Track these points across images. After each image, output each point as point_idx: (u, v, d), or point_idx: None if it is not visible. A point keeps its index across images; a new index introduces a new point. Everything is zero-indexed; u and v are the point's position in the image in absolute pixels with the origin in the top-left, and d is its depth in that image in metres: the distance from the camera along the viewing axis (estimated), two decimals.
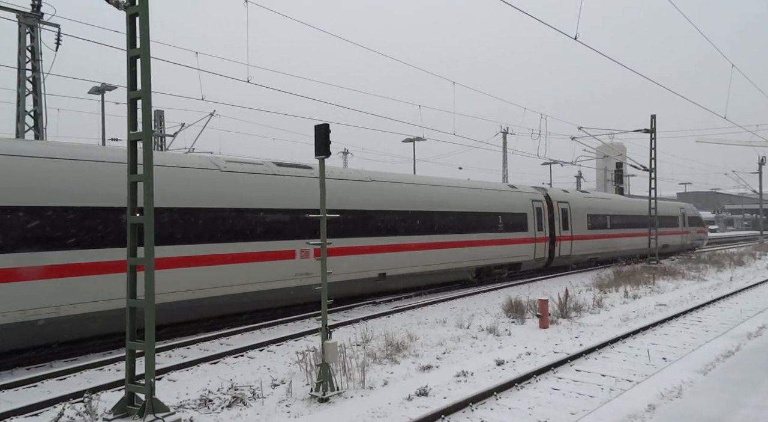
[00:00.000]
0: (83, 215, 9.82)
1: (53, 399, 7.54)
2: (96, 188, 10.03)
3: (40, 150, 9.82)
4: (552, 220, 23.17)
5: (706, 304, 15.38)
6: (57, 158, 9.81)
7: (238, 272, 12.02)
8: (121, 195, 8.70)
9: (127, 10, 6.55)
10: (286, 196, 13.18)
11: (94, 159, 10.26)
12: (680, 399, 7.04)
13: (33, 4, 15.58)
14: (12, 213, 9.00)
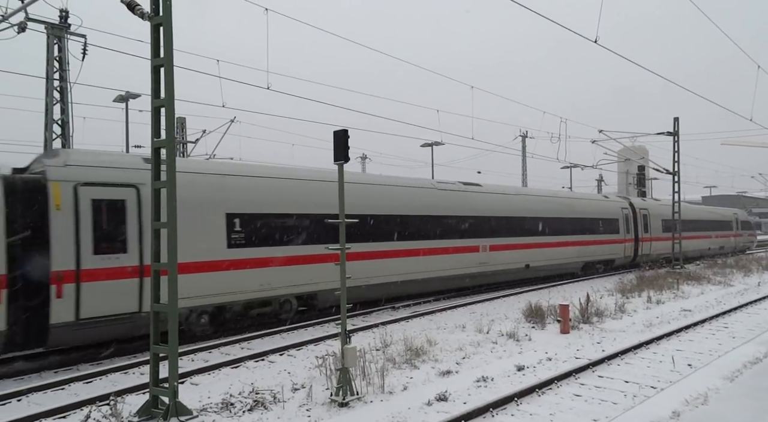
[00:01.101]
0: (307, 220, 13.45)
1: (80, 401, 7.71)
2: (307, 200, 13.57)
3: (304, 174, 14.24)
4: (636, 224, 27.52)
5: (733, 310, 15.03)
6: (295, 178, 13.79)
7: (446, 261, 17.06)
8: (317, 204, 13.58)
9: (151, 21, 6.72)
10: (470, 206, 18.40)
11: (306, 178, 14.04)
12: (706, 406, 6.90)
13: (61, 15, 16.02)
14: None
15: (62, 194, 9.61)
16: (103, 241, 10.02)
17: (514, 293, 19.30)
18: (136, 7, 6.82)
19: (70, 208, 9.70)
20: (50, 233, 9.46)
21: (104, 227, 10.06)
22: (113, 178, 10.30)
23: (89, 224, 9.89)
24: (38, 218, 9.47)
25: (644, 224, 28.26)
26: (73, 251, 9.69)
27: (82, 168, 10.07)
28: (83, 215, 9.81)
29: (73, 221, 9.72)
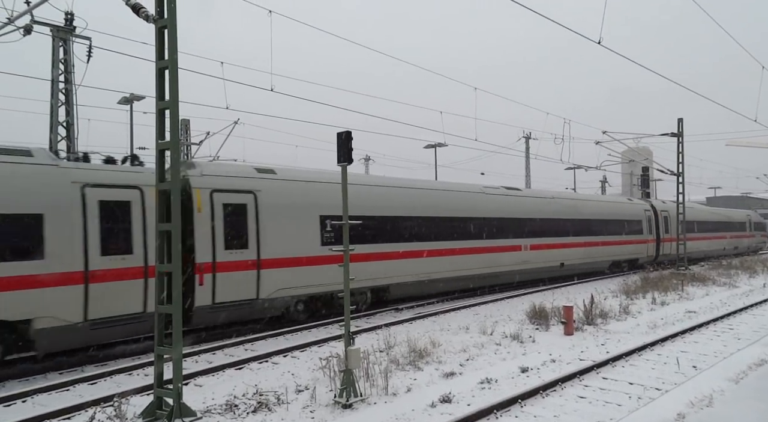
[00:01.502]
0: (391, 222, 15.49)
1: (84, 402, 7.74)
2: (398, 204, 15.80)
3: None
4: (657, 225, 29.20)
5: (738, 311, 14.97)
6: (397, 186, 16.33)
7: (496, 259, 18.87)
8: (388, 207, 15.46)
9: (156, 23, 6.75)
10: (513, 209, 19.99)
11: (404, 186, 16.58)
12: (711, 408, 6.87)
13: (66, 18, 16.10)
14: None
15: (202, 199, 11.58)
16: (232, 238, 11.92)
17: (517, 294, 19.26)
18: (141, 10, 6.85)
19: (208, 211, 11.64)
20: (195, 231, 11.37)
21: (232, 227, 11.93)
22: (237, 185, 12.25)
23: (221, 224, 11.79)
24: (187, 219, 11.20)
25: (665, 225, 29.95)
26: (211, 247, 11.58)
27: (214, 177, 12.02)
28: (217, 217, 11.72)
29: (210, 222, 11.64)
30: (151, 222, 10.33)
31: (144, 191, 10.72)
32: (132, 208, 10.54)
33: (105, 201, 10.21)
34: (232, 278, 11.77)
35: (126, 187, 10.56)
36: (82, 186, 9.97)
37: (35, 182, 9.39)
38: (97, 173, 10.38)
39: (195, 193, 11.48)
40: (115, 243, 10.24)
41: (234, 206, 12.03)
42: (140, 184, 10.75)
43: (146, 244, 10.59)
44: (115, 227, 10.32)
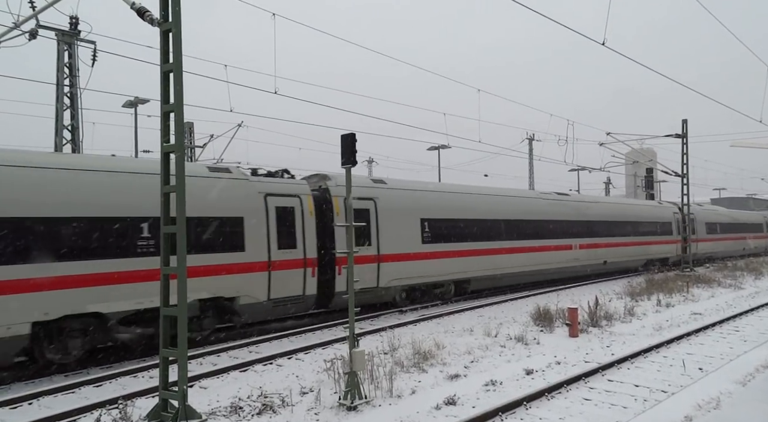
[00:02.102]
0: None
1: (90, 405, 7.76)
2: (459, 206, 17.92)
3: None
4: (685, 227, 30.75)
5: (744, 313, 14.88)
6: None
7: (553, 257, 21.28)
8: (471, 210, 18.15)
9: (160, 27, 6.77)
10: (564, 212, 22.43)
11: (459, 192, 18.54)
12: (718, 410, 6.83)
13: (71, 22, 16.19)
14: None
15: (339, 205, 14.07)
16: (360, 237, 14.24)
17: (522, 296, 19.21)
18: (146, 14, 6.88)
19: (343, 214, 13.89)
20: (335, 231, 13.80)
21: (359, 228, 13.84)
22: (362, 194, 14.68)
23: (261, 228, 13.02)
24: (328, 219, 13.99)
25: (692, 226, 31.83)
26: (346, 242, 12.10)
27: (344, 187, 12.17)
28: (348, 219, 12.35)
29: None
30: (308, 224, 13.39)
31: (302, 199, 13.40)
32: (295, 212, 13.16)
33: (279, 207, 12.85)
34: (361, 270, 13.70)
35: (290, 195, 13.21)
36: (265, 195, 12.61)
37: (237, 193, 12.07)
38: (272, 184, 13.02)
39: (333, 200, 14.14)
40: (285, 240, 12.83)
41: (361, 211, 14.46)
42: (299, 193, 13.44)
43: (304, 240, 13.24)
44: (285, 227, 12.90)
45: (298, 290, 13.03)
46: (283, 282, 12.62)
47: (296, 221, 13.12)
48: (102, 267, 9.77)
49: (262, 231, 12.29)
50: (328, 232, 13.85)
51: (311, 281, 13.35)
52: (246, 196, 12.21)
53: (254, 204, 12.28)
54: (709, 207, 39.30)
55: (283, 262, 12.68)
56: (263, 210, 12.44)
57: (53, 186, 9.44)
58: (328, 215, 13.95)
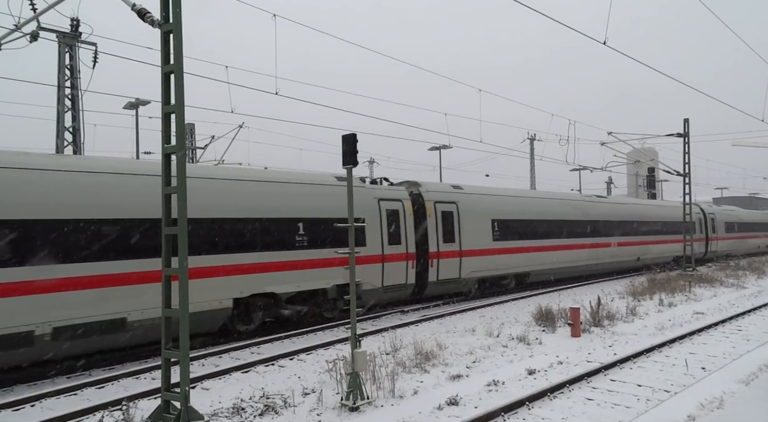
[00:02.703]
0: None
1: (92, 407, 7.76)
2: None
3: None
4: (706, 226, 33.51)
5: (747, 312, 14.85)
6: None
7: (595, 253, 23.88)
8: (532, 212, 20.73)
9: (161, 28, 6.77)
10: (605, 213, 24.91)
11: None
12: (722, 410, 6.81)
13: (72, 24, 16.20)
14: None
15: (430, 208, 16.69)
16: (446, 235, 16.88)
17: (523, 296, 19.20)
18: (147, 15, 6.88)
19: (433, 216, 16.69)
20: (428, 229, 16.45)
21: (445, 227, 16.84)
22: (446, 198, 17.37)
23: (441, 225, 16.85)
24: (422, 220, 16.43)
25: (712, 226, 34.46)
26: (435, 240, 16.61)
27: (433, 192, 17.16)
28: (438, 220, 16.73)
29: (434, 223, 16.76)
30: (408, 223, 15.90)
31: (403, 203, 15.94)
32: (399, 214, 15.68)
33: (388, 209, 15.34)
34: (447, 263, 16.82)
35: (396, 200, 15.75)
36: (378, 200, 15.16)
37: (359, 198, 13.73)
38: (383, 190, 15.72)
39: (427, 204, 16.60)
40: (393, 237, 15.33)
41: (445, 213, 17.07)
42: (401, 198, 15.98)
43: (406, 237, 15.66)
44: (393, 226, 15.38)
45: (402, 279, 15.64)
46: (392, 272, 15.28)
47: (400, 221, 15.71)
48: (277, 257, 12.62)
49: (378, 230, 14.96)
50: (421, 230, 16.42)
51: (411, 272, 15.96)
52: (365, 200, 14.65)
53: (372, 207, 14.88)
54: (727, 208, 41.21)
55: (392, 255, 15.31)
56: (377, 212, 15.07)
57: (248, 195, 12.34)
58: (422, 216, 16.54)
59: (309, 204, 13.41)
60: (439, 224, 16.75)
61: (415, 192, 16.87)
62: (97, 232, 9.84)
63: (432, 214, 16.61)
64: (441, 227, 16.70)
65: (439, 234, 16.66)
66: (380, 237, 14.95)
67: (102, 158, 11.66)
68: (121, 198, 10.23)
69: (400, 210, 15.72)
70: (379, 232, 14.93)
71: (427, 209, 16.56)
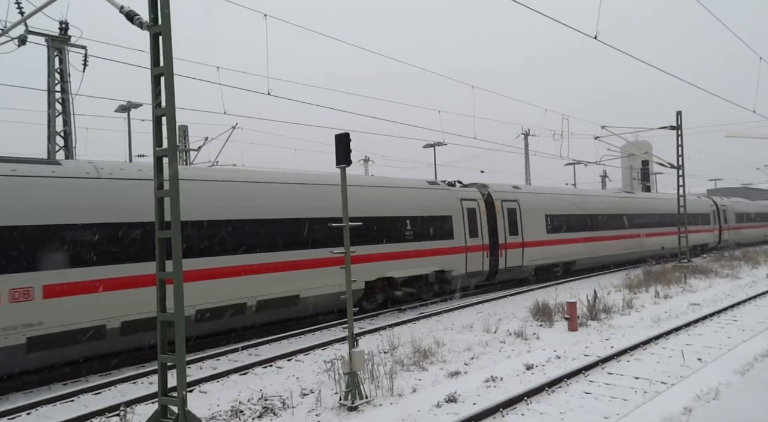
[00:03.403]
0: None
1: (89, 413, 7.72)
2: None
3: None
4: (719, 217, 36.46)
5: (742, 302, 14.94)
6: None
7: (627, 243, 26.60)
8: (576, 208, 23.82)
9: (150, 30, 6.71)
10: (633, 207, 27.98)
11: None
12: (718, 400, 6.85)
13: (60, 27, 16.07)
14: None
15: (498, 205, 19.58)
16: (510, 228, 19.86)
17: (520, 291, 19.25)
18: (135, 17, 6.82)
19: (501, 212, 19.61)
20: (497, 224, 19.33)
21: (510, 222, 19.88)
22: (510, 197, 20.30)
23: (507, 220, 19.74)
24: (494, 216, 19.34)
25: (724, 217, 37.21)
26: (503, 233, 19.55)
27: (500, 192, 20.13)
28: (505, 216, 19.72)
29: (502, 219, 19.64)
30: (482, 219, 18.66)
31: (478, 202, 18.81)
32: (476, 211, 18.57)
33: (468, 208, 18.17)
34: (512, 253, 19.82)
35: (473, 199, 18.64)
36: (460, 200, 18.04)
37: (447, 199, 17.60)
38: (463, 192, 18.61)
39: (495, 202, 19.51)
40: (472, 231, 18.11)
41: (510, 210, 19.98)
42: (476, 197, 18.90)
43: (482, 231, 18.51)
44: (472, 222, 18.19)
45: (480, 266, 18.48)
46: (473, 261, 18.11)
47: (477, 217, 18.49)
48: (394, 248, 15.43)
49: (461, 225, 17.76)
50: (492, 225, 19.17)
51: (486, 260, 18.74)
52: (451, 201, 17.75)
53: (456, 207, 17.79)
54: (737, 199, 44.53)
55: (473, 247, 18.14)
56: (460, 210, 17.88)
57: (376, 198, 15.38)
58: (492, 213, 19.30)
59: (412, 204, 16.41)
60: (506, 219, 19.67)
61: (485, 192, 19.56)
62: (280, 230, 12.91)
63: (500, 211, 19.53)
64: (507, 222, 19.69)
65: (506, 228, 19.62)
66: (463, 231, 17.79)
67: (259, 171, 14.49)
68: (300, 204, 13.37)
69: (476, 208, 18.60)
70: (462, 227, 17.80)
71: (496, 206, 19.45)
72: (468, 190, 19.11)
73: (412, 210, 16.20)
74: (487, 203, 19.35)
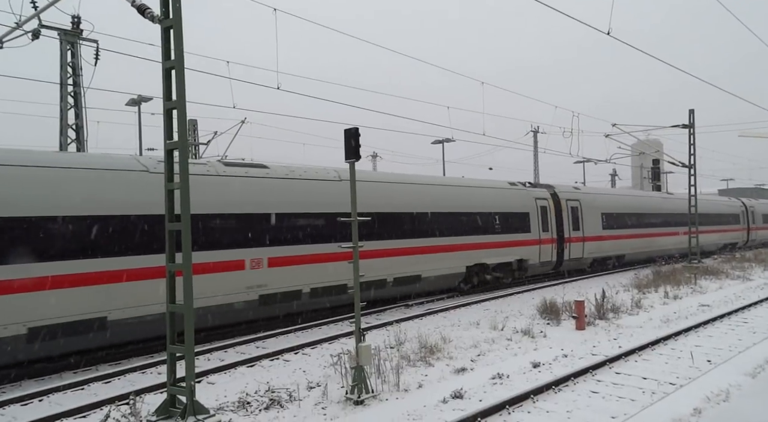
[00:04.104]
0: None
1: (99, 401, 7.82)
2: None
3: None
4: (747, 218, 39.00)
5: (753, 304, 14.78)
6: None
7: (665, 240, 28.84)
8: (629, 207, 26.85)
9: (161, 24, 6.75)
10: (678, 208, 30.04)
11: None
12: (728, 402, 6.80)
13: (73, 21, 16.19)
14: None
15: (564, 204, 22.11)
16: (573, 224, 22.43)
17: (528, 289, 19.18)
18: (147, 11, 6.85)
19: (566, 210, 22.11)
20: (563, 220, 21.90)
21: (573, 219, 22.42)
22: (573, 196, 22.88)
23: (571, 217, 22.24)
24: (560, 213, 21.85)
25: (752, 217, 39.91)
26: (568, 229, 22.02)
27: (565, 192, 22.69)
28: (569, 214, 22.23)
29: (567, 216, 22.09)
30: (551, 216, 21.24)
31: (548, 201, 21.35)
32: (547, 209, 21.15)
33: (540, 205, 20.84)
34: (575, 246, 22.47)
35: (543, 198, 21.21)
36: (535, 198, 20.75)
37: (525, 198, 20.41)
38: (536, 191, 21.23)
39: (561, 201, 22.06)
40: (544, 226, 20.86)
41: (573, 208, 22.56)
42: (546, 196, 21.35)
43: (551, 226, 21.13)
44: (543, 218, 20.81)
45: (550, 257, 21.21)
46: (545, 252, 20.85)
47: (547, 214, 21.13)
48: (487, 239, 18.28)
49: (536, 221, 20.55)
50: (559, 222, 21.77)
51: (554, 252, 21.39)
52: (528, 199, 20.55)
53: (532, 204, 20.55)
54: (763, 201, 47.36)
55: (545, 239, 20.93)
56: (535, 208, 20.64)
57: (474, 196, 18.36)
58: (558, 210, 21.84)
59: (501, 202, 19.36)
60: (570, 216, 22.22)
61: (551, 192, 22.08)
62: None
63: (565, 209, 22.13)
64: (571, 219, 22.25)
65: (570, 224, 22.20)
66: (538, 226, 20.56)
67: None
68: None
69: (547, 206, 21.25)
70: (537, 222, 20.60)
71: (562, 205, 22.03)
72: (539, 190, 21.60)
73: (501, 207, 19.21)
74: (554, 201, 21.87)
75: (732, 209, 37.24)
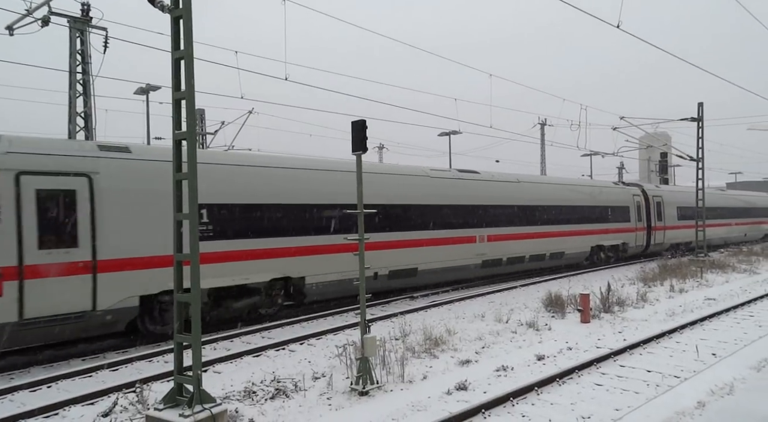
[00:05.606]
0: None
1: (107, 388, 7.91)
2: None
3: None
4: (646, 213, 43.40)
5: (759, 298, 14.73)
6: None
7: (724, 230, 33.69)
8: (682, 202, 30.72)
9: (171, 13, 6.73)
10: (734, 202, 36.20)
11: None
12: (732, 396, 6.80)
13: (82, 8, 16.17)
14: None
15: (651, 199, 27.28)
16: (657, 216, 27.58)
17: (533, 282, 19.18)
18: (157, 0, 6.83)
19: (653, 204, 27.40)
20: (650, 212, 27.23)
21: (657, 211, 27.57)
22: (656, 193, 28.18)
23: (654, 210, 27.33)
24: (648, 207, 27.08)
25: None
26: (654, 219, 27.36)
27: (650, 190, 28.00)
28: (654, 207, 28.24)
29: (653, 209, 27.48)
30: (642, 208, 26.48)
31: (640, 197, 26.24)
32: (640, 202, 26.25)
33: (636, 200, 26.00)
34: (658, 233, 27.44)
35: (638, 195, 26.16)
36: (632, 194, 26.13)
37: (626, 194, 25.84)
38: (634, 188, 26.62)
39: (649, 197, 27.03)
40: (639, 217, 26.20)
41: (657, 203, 27.45)
42: (639, 194, 26.40)
43: (642, 217, 26.30)
44: (638, 210, 26.23)
45: (642, 242, 26.35)
46: (638, 238, 26.04)
47: (641, 208, 26.28)
48: (603, 227, 23.48)
49: (634, 213, 25.68)
50: (646, 213, 26.81)
51: (644, 238, 26.49)
52: (628, 196, 25.65)
53: (630, 200, 25.58)
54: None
55: (639, 228, 26.09)
56: (633, 203, 25.62)
57: (594, 193, 23.84)
58: (647, 205, 26.85)
59: (613, 197, 24.30)
60: (654, 209, 27.09)
61: (641, 190, 27.06)
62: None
63: (652, 203, 27.07)
64: (655, 212, 27.14)
65: (654, 216, 27.13)
66: (635, 217, 25.80)
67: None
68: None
69: (641, 201, 26.46)
70: (635, 214, 25.81)
71: (649, 200, 27.04)
72: (634, 187, 26.98)
73: (613, 202, 24.52)
74: (644, 196, 26.77)
75: (765, 203, 42.25)
